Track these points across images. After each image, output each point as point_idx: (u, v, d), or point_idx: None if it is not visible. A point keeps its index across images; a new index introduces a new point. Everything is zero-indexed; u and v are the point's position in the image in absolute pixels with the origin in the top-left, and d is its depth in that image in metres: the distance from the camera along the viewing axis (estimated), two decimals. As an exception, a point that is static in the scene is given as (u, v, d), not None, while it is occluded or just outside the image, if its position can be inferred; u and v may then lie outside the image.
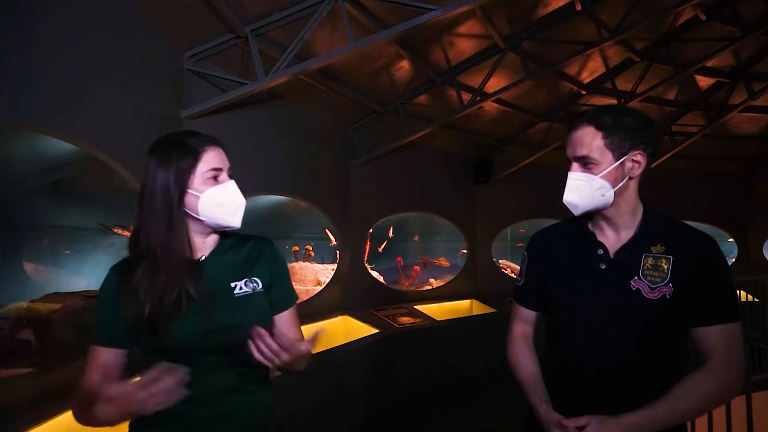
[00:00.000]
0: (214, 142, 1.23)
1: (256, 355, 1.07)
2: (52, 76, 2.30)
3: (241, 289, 1.22)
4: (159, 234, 1.16)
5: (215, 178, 1.19)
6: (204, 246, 1.24)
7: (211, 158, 1.19)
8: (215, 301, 1.18)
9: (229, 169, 1.24)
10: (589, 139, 1.22)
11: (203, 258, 1.23)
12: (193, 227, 1.21)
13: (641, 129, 1.22)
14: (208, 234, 1.24)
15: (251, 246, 1.31)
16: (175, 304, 1.14)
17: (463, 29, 4.65)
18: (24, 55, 2.17)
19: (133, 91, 2.85)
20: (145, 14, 2.95)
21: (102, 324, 1.20)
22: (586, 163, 1.23)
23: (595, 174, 1.22)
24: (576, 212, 1.28)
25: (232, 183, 1.21)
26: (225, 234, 1.28)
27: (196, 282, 1.17)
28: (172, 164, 1.16)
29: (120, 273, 1.19)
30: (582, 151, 1.23)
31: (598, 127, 1.22)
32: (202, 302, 1.16)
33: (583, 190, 1.24)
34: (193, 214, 1.19)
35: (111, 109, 2.67)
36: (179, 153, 1.17)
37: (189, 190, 1.17)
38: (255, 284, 1.24)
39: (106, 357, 1.19)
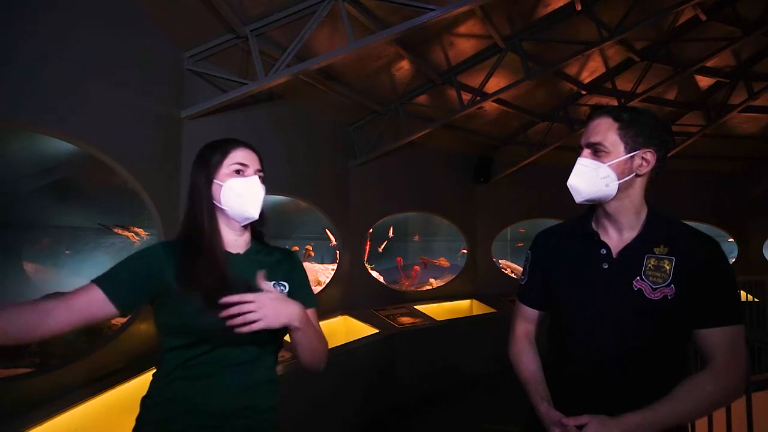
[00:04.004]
0: (248, 145, 1.33)
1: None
2: (52, 76, 2.30)
3: None
4: (196, 224, 1.27)
5: (239, 172, 1.28)
6: (237, 244, 1.32)
7: (239, 155, 1.30)
8: None
9: (259, 171, 1.31)
10: (605, 128, 1.25)
11: (238, 254, 1.31)
12: (224, 222, 1.30)
13: (656, 130, 1.25)
14: (241, 233, 1.32)
15: (279, 254, 1.40)
16: (210, 295, 1.17)
17: (463, 29, 4.65)
18: (24, 55, 2.17)
19: (133, 91, 2.84)
20: (145, 14, 2.95)
21: (116, 271, 1.21)
22: (597, 151, 1.26)
23: (604, 162, 1.24)
24: (578, 198, 1.29)
25: (255, 178, 1.29)
26: (256, 238, 1.37)
27: (232, 274, 1.22)
28: (205, 160, 1.30)
29: (167, 250, 1.25)
30: (595, 138, 1.26)
31: (616, 119, 1.25)
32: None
33: (588, 176, 1.25)
34: (218, 205, 1.28)
35: (111, 109, 2.67)
36: (212, 151, 1.31)
37: (215, 180, 1.27)
38: (282, 287, 1.33)
39: (93, 297, 1.16)
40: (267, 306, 1.14)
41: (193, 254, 1.22)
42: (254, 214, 1.27)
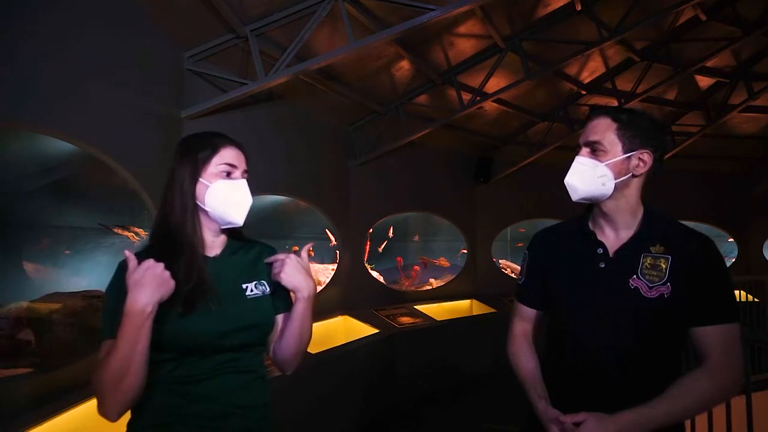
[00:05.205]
0: (237, 144, 1.28)
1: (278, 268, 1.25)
2: (52, 76, 2.30)
3: (252, 291, 1.25)
4: (176, 223, 1.19)
5: (228, 173, 1.23)
6: (214, 246, 1.27)
7: (228, 154, 1.24)
8: (229, 301, 1.20)
9: (246, 172, 1.27)
10: (603, 128, 1.27)
11: (215, 256, 1.26)
12: (204, 223, 1.24)
13: (653, 132, 1.27)
14: (218, 234, 1.27)
15: (257, 250, 1.34)
16: (189, 300, 1.14)
17: (463, 29, 4.65)
18: (24, 55, 2.17)
19: (133, 91, 2.85)
20: (145, 14, 2.95)
21: (112, 317, 1.10)
22: (595, 150, 1.27)
23: (601, 161, 1.25)
24: (574, 196, 1.30)
25: (243, 182, 1.25)
26: (232, 236, 1.31)
27: (211, 279, 1.18)
28: (191, 155, 1.22)
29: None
30: (594, 137, 1.27)
31: (614, 119, 1.27)
32: (216, 301, 1.17)
33: (585, 175, 1.27)
34: (201, 205, 1.21)
35: (111, 109, 2.67)
36: (199, 145, 1.23)
37: (201, 179, 1.21)
38: (264, 287, 1.28)
39: None
40: (293, 266, 1.24)
41: (169, 256, 1.13)
42: (239, 221, 1.23)
